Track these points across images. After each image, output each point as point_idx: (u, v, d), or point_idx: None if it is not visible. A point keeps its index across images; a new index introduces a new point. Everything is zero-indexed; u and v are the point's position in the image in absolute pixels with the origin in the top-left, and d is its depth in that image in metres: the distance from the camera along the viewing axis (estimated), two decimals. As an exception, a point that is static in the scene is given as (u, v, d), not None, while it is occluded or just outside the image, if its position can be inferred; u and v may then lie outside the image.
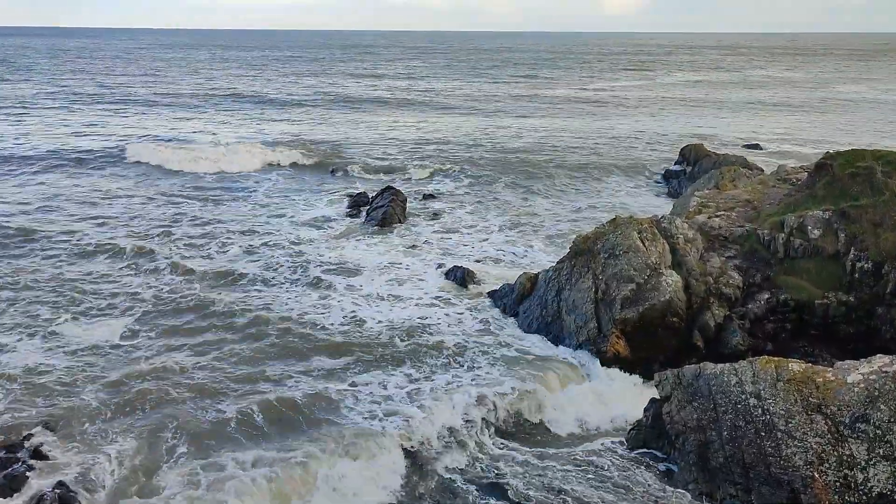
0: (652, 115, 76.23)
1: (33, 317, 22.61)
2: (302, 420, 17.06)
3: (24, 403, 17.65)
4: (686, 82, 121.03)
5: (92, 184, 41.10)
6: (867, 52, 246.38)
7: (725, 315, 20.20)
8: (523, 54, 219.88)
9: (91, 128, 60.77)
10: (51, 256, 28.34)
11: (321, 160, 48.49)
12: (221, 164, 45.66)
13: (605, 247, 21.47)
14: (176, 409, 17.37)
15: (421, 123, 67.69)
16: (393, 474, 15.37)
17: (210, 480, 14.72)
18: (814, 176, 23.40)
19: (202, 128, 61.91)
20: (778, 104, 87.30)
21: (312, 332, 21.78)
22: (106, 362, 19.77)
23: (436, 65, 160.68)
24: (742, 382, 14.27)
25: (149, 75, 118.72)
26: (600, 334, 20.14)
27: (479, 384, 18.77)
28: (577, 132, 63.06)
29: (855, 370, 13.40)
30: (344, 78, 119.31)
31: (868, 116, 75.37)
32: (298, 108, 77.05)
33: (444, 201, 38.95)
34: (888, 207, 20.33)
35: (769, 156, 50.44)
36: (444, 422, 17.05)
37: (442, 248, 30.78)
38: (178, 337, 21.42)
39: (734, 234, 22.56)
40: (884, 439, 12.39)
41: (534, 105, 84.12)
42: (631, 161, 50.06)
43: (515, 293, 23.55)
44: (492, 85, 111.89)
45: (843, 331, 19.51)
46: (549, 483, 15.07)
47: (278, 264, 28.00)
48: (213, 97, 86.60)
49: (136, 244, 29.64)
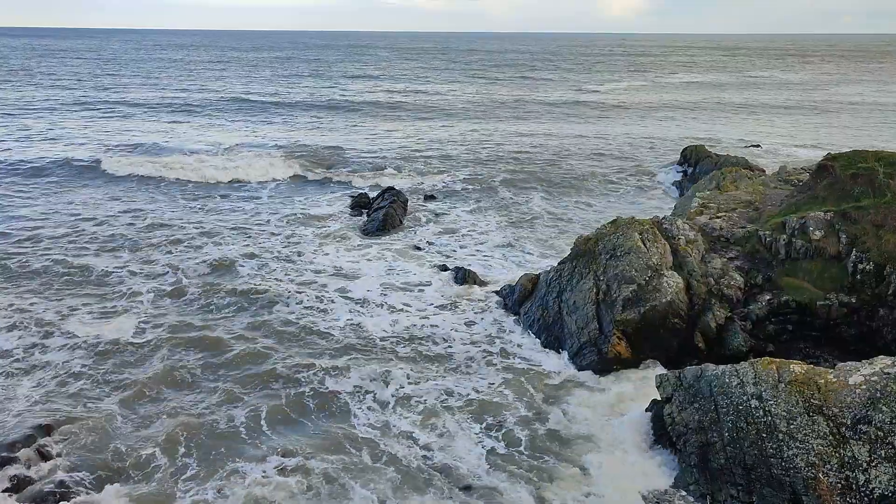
0: (652, 116, 76.19)
1: (39, 316, 22.65)
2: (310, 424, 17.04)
3: (26, 403, 17.68)
4: (686, 83, 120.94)
5: (74, 195, 39.08)
6: (866, 53, 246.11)
7: (727, 316, 20.17)
8: (521, 56, 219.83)
9: (65, 135, 57.57)
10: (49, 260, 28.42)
11: (320, 161, 48.40)
12: (218, 171, 44.64)
13: (607, 248, 21.45)
14: (184, 411, 17.38)
15: (420, 125, 67.64)
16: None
17: (220, 485, 14.73)
18: (815, 177, 23.38)
19: (194, 134, 59.87)
20: (778, 105, 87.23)
21: (313, 335, 21.72)
22: (111, 362, 19.79)
23: (433, 67, 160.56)
24: (743, 384, 14.25)
25: (137, 78, 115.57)
26: (601, 335, 20.12)
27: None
28: (577, 133, 63.06)
29: (857, 372, 13.36)
30: (340, 80, 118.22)
31: (868, 118, 75.32)
32: (296, 111, 76.92)
33: (445, 202, 38.94)
34: (890, 209, 20.30)
35: (770, 157, 50.43)
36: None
37: (443, 248, 30.78)
38: (185, 338, 21.36)
39: (736, 236, 22.55)
40: (886, 441, 12.35)
41: (532, 105, 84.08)
42: (631, 162, 50.04)
43: (516, 294, 23.54)
44: (490, 86, 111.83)
45: (845, 332, 19.48)
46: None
47: (276, 267, 27.96)
48: (209, 102, 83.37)
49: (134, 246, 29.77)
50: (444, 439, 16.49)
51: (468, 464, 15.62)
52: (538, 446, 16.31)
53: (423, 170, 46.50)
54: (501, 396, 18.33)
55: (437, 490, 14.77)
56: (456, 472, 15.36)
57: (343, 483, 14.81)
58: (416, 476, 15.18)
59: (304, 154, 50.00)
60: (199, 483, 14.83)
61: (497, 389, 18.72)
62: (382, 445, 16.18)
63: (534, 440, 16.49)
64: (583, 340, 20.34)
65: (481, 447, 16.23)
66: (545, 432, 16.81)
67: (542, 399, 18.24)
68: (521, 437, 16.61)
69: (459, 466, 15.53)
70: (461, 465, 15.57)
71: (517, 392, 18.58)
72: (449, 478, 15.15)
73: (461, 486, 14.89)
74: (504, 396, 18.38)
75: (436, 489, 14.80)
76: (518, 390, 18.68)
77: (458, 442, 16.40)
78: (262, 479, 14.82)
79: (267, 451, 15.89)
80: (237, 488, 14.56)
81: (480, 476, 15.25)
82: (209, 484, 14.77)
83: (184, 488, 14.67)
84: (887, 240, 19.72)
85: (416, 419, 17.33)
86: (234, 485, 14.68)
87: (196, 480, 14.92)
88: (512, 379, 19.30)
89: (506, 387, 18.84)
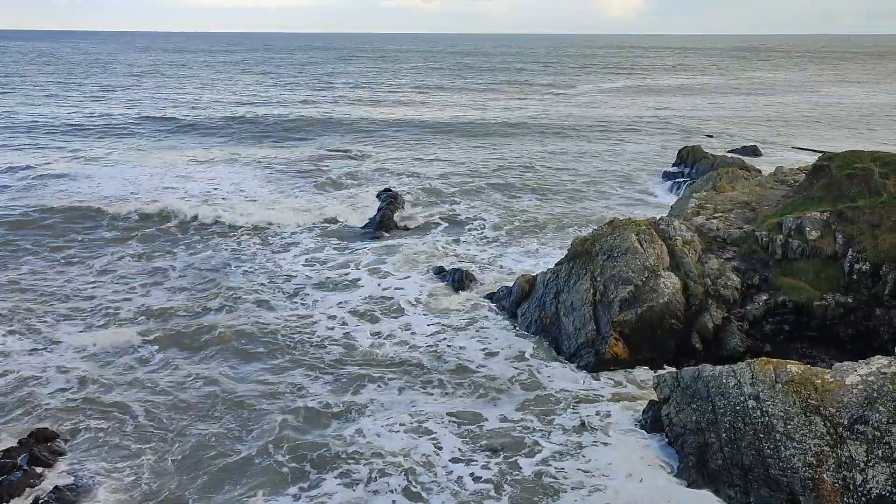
0: (651, 117, 76.26)
1: (37, 326, 22.54)
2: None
3: (22, 410, 17.67)
4: (685, 84, 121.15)
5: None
6: (867, 54, 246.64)
7: (724, 317, 20.19)
8: (519, 57, 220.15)
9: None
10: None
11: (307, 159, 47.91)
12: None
13: (604, 249, 21.45)
14: (182, 423, 17.35)
15: (421, 124, 67.64)
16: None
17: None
18: (811, 177, 23.41)
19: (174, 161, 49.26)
20: (776, 105, 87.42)
21: (304, 345, 21.48)
22: (110, 372, 19.73)
23: (431, 69, 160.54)
24: (741, 384, 14.25)
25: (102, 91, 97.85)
26: (599, 336, 20.12)
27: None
28: (577, 134, 63.10)
29: (853, 371, 13.38)
30: (336, 85, 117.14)
31: (867, 119, 75.44)
32: (293, 114, 76.84)
33: (444, 203, 38.85)
34: (886, 209, 20.33)
35: (767, 157, 50.53)
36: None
37: (441, 249, 30.73)
38: (185, 352, 21.18)
39: (732, 236, 22.57)
40: (883, 441, 12.36)
41: (531, 106, 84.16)
42: (629, 163, 50.11)
43: (514, 295, 23.52)
44: (489, 88, 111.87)
45: (842, 332, 19.50)
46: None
47: (264, 270, 27.87)
48: (200, 120, 69.44)
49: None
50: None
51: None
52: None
53: (424, 171, 46.40)
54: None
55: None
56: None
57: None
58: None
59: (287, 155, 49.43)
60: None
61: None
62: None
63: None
64: (580, 341, 20.34)
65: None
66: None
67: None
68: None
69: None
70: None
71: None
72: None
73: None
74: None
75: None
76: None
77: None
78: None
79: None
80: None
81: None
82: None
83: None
84: (883, 239, 19.75)
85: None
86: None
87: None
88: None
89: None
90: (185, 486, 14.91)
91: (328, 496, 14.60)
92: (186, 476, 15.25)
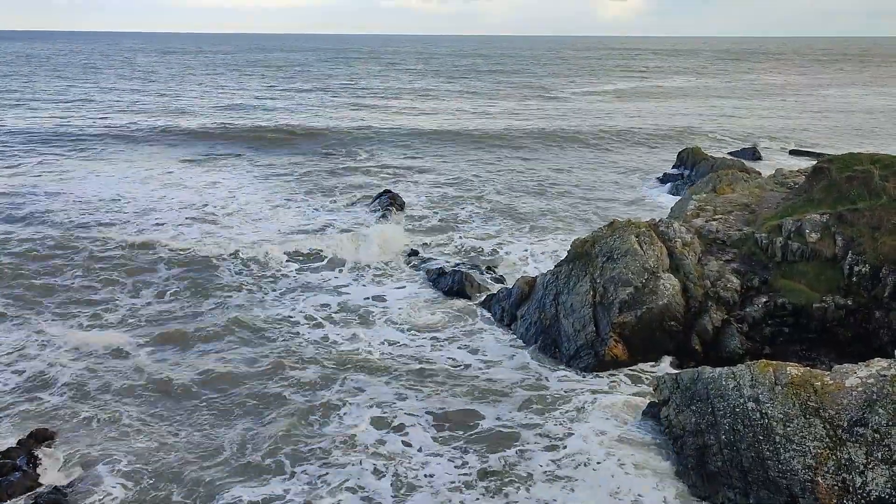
0: (650, 118, 76.28)
1: (34, 324, 22.57)
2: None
3: (21, 410, 17.66)
4: (684, 85, 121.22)
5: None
6: (867, 55, 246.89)
7: (723, 319, 20.19)
8: (516, 58, 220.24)
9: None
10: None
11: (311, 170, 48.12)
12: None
13: (603, 250, 21.45)
14: (179, 423, 17.36)
15: (420, 126, 67.66)
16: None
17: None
18: (811, 179, 23.41)
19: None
20: (775, 107, 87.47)
21: (287, 345, 21.49)
22: (109, 372, 19.72)
23: (429, 70, 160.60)
24: (740, 386, 14.25)
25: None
26: (598, 338, 20.12)
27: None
28: (576, 135, 63.08)
29: (853, 374, 13.37)
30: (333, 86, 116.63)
31: (866, 120, 75.49)
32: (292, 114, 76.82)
33: (444, 204, 38.89)
34: (886, 211, 20.33)
35: (766, 159, 50.55)
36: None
37: (441, 250, 30.75)
38: (178, 353, 21.19)
39: (732, 238, 22.57)
40: (882, 443, 12.36)
41: (530, 108, 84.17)
42: (628, 164, 50.13)
43: (513, 297, 23.51)
44: (488, 87, 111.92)
45: (841, 334, 19.49)
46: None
47: (248, 268, 27.88)
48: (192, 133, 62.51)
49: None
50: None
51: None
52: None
53: (424, 173, 46.33)
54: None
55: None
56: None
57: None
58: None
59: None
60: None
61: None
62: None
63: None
64: (580, 343, 20.34)
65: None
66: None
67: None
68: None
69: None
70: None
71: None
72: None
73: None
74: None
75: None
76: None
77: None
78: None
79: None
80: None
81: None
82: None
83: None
84: (883, 242, 19.75)
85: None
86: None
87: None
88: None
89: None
90: (184, 486, 14.91)
91: (307, 490, 14.80)
92: (186, 476, 15.23)
